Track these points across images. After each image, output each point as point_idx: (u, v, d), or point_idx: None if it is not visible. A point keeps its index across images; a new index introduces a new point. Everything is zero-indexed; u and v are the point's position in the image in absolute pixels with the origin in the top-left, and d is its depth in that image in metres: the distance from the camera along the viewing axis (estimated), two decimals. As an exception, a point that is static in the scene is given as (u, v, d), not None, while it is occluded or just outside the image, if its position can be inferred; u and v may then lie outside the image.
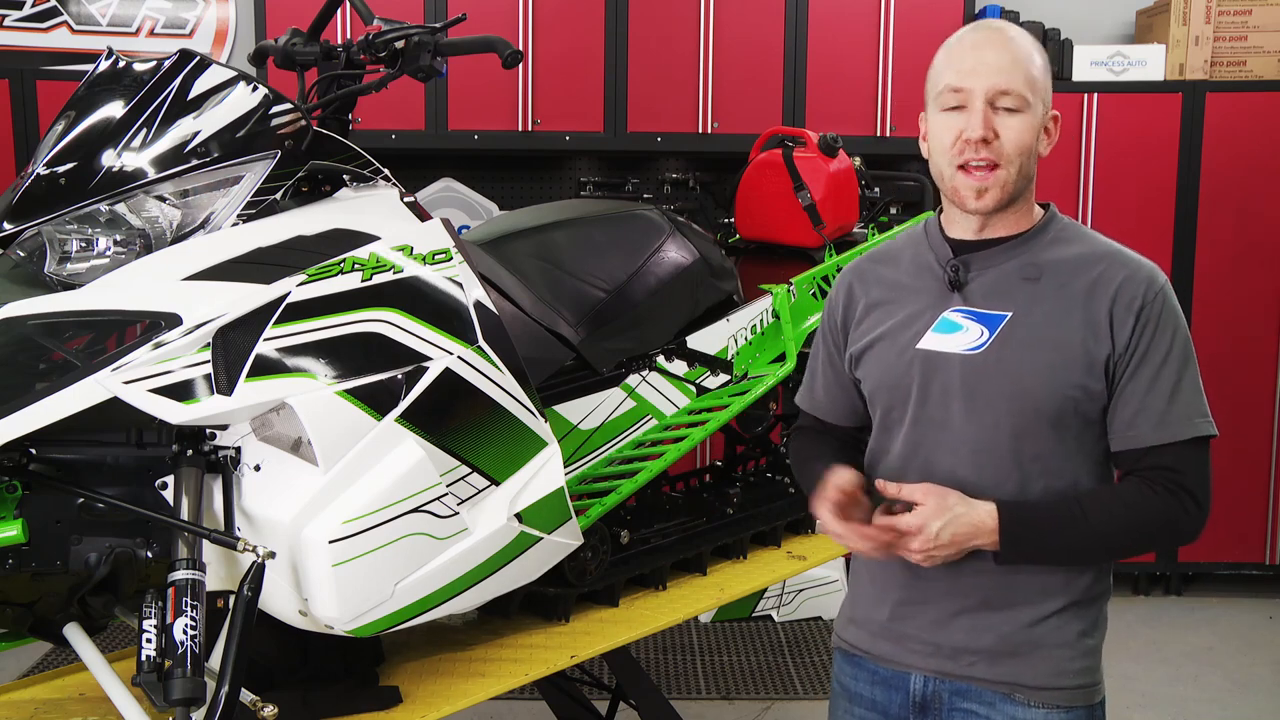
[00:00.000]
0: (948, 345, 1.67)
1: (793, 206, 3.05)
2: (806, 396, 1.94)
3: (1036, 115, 1.63)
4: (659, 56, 4.65)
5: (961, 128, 1.62)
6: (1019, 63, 1.62)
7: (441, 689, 2.14)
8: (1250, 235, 4.72)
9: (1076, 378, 1.61)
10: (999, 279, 1.67)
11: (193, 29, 4.95)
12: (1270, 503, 4.81)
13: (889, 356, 1.72)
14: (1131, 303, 1.61)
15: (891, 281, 1.77)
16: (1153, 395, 1.61)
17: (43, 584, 1.82)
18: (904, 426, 1.70)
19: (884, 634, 1.75)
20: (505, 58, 2.15)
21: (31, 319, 1.71)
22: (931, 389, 1.67)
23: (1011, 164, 1.62)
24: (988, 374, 1.63)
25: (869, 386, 1.77)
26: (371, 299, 1.91)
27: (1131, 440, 1.63)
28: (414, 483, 1.90)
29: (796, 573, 2.92)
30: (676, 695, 3.83)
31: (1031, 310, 1.64)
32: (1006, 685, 1.67)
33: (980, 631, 1.67)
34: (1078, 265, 1.65)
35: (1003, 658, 1.67)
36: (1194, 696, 3.92)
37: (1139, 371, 1.61)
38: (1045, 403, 1.61)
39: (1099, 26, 5.10)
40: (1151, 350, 1.61)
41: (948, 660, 1.69)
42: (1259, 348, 4.75)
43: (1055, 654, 1.66)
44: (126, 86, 1.89)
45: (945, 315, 1.69)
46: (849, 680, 1.82)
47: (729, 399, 2.74)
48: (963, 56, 1.64)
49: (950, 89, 1.63)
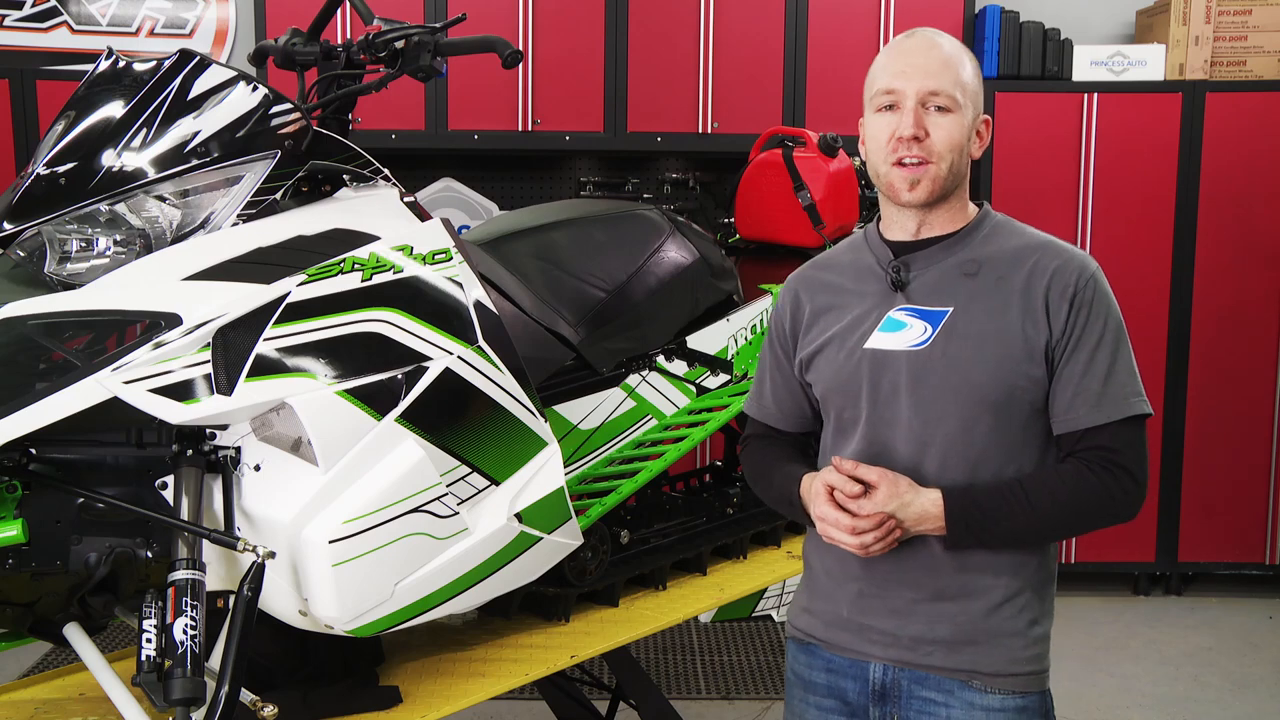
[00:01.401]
0: (894, 343, 1.72)
1: (793, 206, 3.05)
2: (755, 404, 1.97)
3: (967, 117, 1.71)
4: (659, 56, 4.65)
5: (894, 127, 1.70)
6: (949, 66, 1.71)
7: (441, 689, 2.14)
8: (1250, 235, 4.72)
9: (1019, 366, 1.67)
10: (939, 276, 1.74)
11: (193, 29, 4.95)
12: (1270, 503, 4.81)
13: (838, 358, 1.78)
14: (1065, 290, 1.67)
15: (836, 286, 1.83)
16: (1088, 378, 1.67)
17: (43, 584, 1.82)
18: (859, 426, 1.75)
19: (842, 624, 1.79)
20: (505, 58, 2.15)
21: (31, 319, 1.71)
22: (881, 387, 1.73)
23: (943, 160, 1.69)
24: (933, 368, 1.69)
25: (820, 389, 1.82)
26: (371, 299, 1.91)
27: (1070, 423, 1.69)
28: (414, 483, 1.90)
29: (796, 573, 2.91)
30: (676, 695, 3.84)
31: (971, 304, 1.70)
32: (964, 673, 1.72)
33: (936, 621, 1.72)
34: (1014, 258, 1.72)
35: (961, 646, 1.72)
36: (1194, 696, 3.92)
37: (1074, 356, 1.67)
38: (991, 392, 1.67)
39: (1099, 26, 5.11)
40: (1085, 335, 1.67)
41: (906, 650, 1.74)
42: (1259, 348, 4.75)
43: (1009, 642, 1.72)
44: (126, 86, 1.89)
45: (890, 314, 1.75)
46: (804, 669, 1.86)
47: (729, 399, 2.74)
48: (895, 60, 1.73)
49: (883, 90, 1.72)
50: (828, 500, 1.69)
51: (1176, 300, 4.72)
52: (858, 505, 1.66)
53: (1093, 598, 4.77)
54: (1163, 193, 4.71)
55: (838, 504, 1.68)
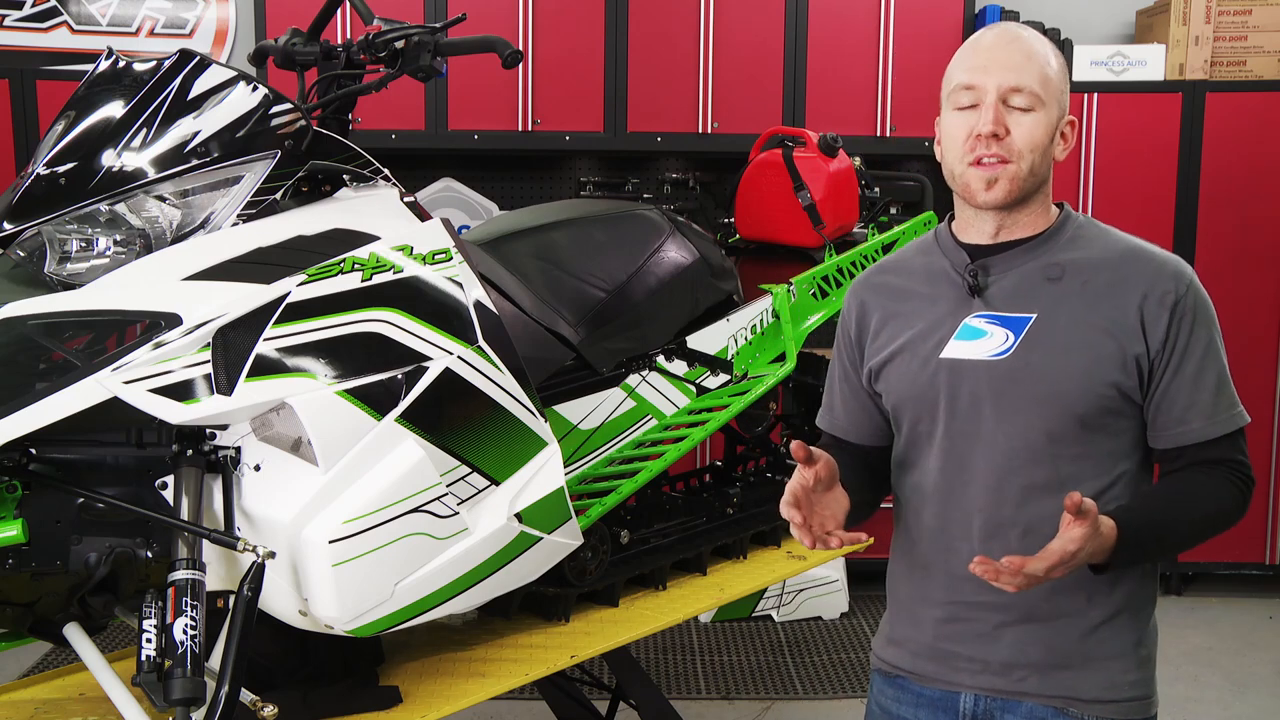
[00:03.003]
0: (972, 352, 1.63)
1: (793, 206, 3.05)
2: (826, 417, 1.88)
3: (1051, 116, 1.61)
4: (659, 56, 4.65)
5: (973, 125, 1.60)
6: (1032, 61, 1.60)
7: (441, 689, 2.14)
8: (1250, 235, 4.72)
9: (1109, 376, 1.58)
10: (1020, 281, 1.64)
11: (193, 29, 4.95)
12: (1270, 503, 4.80)
13: (912, 368, 1.68)
14: (1164, 299, 1.59)
15: (905, 291, 1.74)
16: (1199, 390, 1.60)
17: (43, 584, 1.82)
18: (936, 439, 1.66)
19: (928, 653, 1.70)
20: (505, 58, 2.15)
21: (31, 319, 1.71)
22: (960, 398, 1.64)
23: (1023, 160, 1.60)
24: (1017, 378, 1.60)
25: (892, 400, 1.73)
26: (371, 299, 1.91)
27: (1182, 436, 1.61)
28: (414, 483, 1.90)
29: (796, 573, 2.92)
30: (676, 695, 3.83)
31: (1056, 311, 1.61)
32: (1060, 699, 1.63)
33: (1027, 645, 1.63)
34: (1100, 263, 1.63)
35: (1054, 670, 1.63)
36: (1194, 696, 3.92)
37: (1182, 368, 1.59)
38: (1078, 403, 1.58)
39: (1099, 26, 5.10)
40: (1191, 346, 1.59)
41: (997, 676, 1.65)
42: (1259, 348, 4.75)
43: (1109, 665, 1.63)
44: (126, 86, 1.89)
45: (967, 321, 1.65)
46: (890, 703, 1.76)
47: (729, 399, 2.74)
48: (975, 55, 1.63)
49: (962, 86, 1.62)
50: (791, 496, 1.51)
51: (1176, 300, 4.72)
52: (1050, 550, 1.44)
53: (1093, 598, 4.76)
54: (1163, 193, 4.71)
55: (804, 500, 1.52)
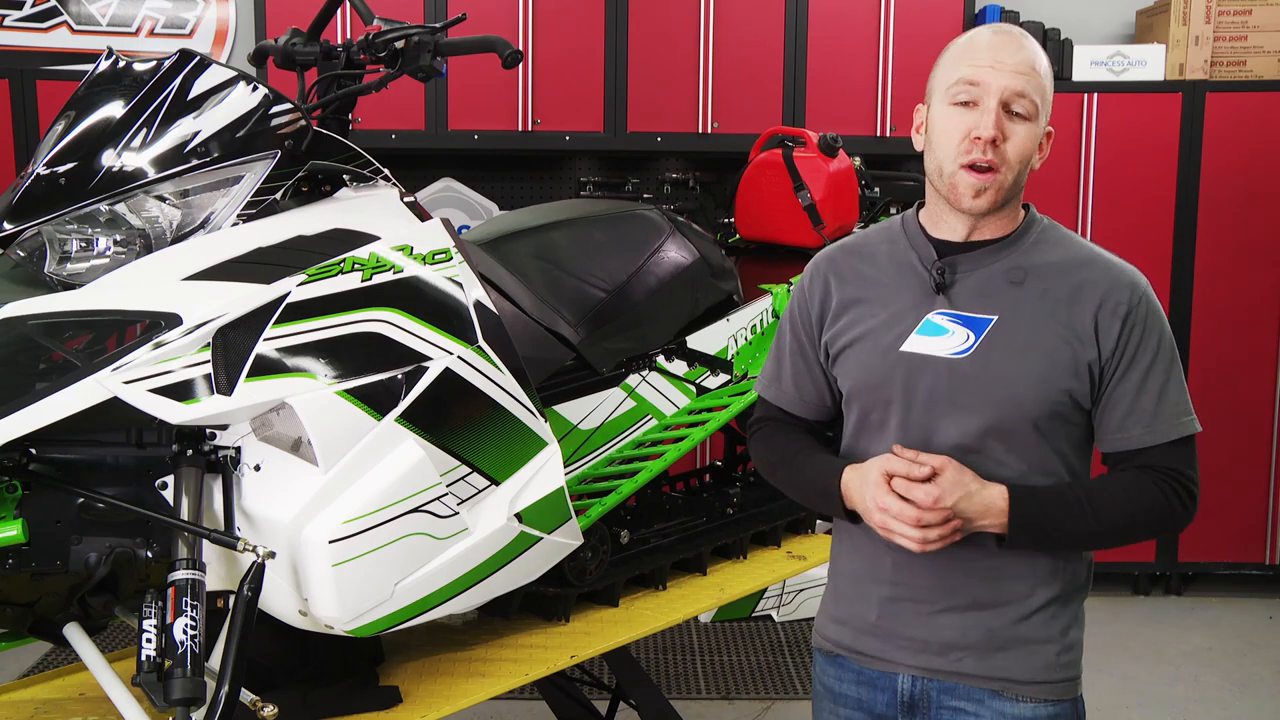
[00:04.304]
0: (933, 348, 1.66)
1: (793, 206, 3.05)
2: (772, 388, 1.87)
3: (1039, 128, 1.64)
4: (659, 56, 4.65)
5: (972, 125, 1.60)
6: (1036, 71, 1.62)
7: (441, 689, 2.14)
8: (1250, 235, 4.72)
9: (1063, 382, 1.62)
10: (985, 282, 1.67)
11: (193, 29, 4.95)
12: (1270, 503, 4.81)
13: (871, 358, 1.70)
14: (1117, 308, 1.63)
15: (870, 279, 1.75)
16: (1142, 398, 1.64)
17: (43, 584, 1.81)
18: (890, 428, 1.69)
19: (871, 631, 1.74)
20: (505, 58, 2.15)
21: (31, 319, 1.71)
22: (916, 391, 1.66)
23: (1010, 170, 1.62)
24: (974, 378, 1.63)
25: (847, 386, 1.75)
26: (371, 299, 1.91)
27: (1122, 442, 1.66)
28: (414, 483, 1.90)
29: (796, 573, 2.92)
30: (676, 695, 3.83)
31: (1016, 314, 1.64)
32: (997, 681, 1.68)
33: (968, 628, 1.68)
34: (1061, 269, 1.66)
35: (992, 653, 1.68)
36: (1194, 696, 3.92)
37: (1127, 375, 1.63)
38: (1032, 407, 1.62)
39: (1099, 26, 5.10)
40: (1139, 354, 1.63)
41: (936, 656, 1.69)
42: (1259, 348, 4.75)
43: (1043, 649, 1.68)
44: (126, 86, 1.89)
45: (929, 317, 1.67)
46: (832, 681, 1.81)
47: (729, 399, 2.74)
48: (980, 52, 1.62)
49: (965, 81, 1.61)
50: (887, 490, 1.59)
51: (1176, 300, 4.72)
52: (923, 492, 1.57)
53: (1093, 597, 4.70)
54: (1163, 193, 4.71)
55: (899, 493, 1.58)
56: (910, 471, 1.58)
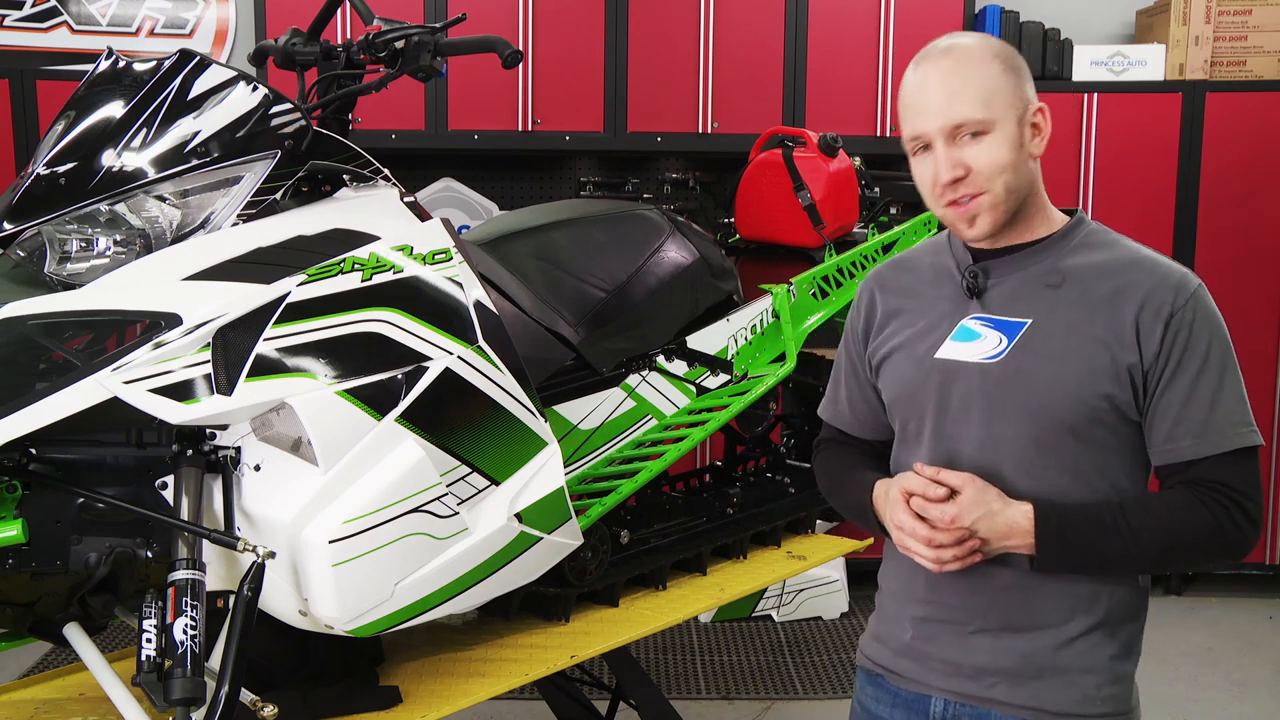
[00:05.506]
0: (966, 354, 1.61)
1: (793, 206, 3.05)
2: (830, 408, 1.86)
3: (1008, 127, 1.56)
4: (659, 56, 4.65)
5: (933, 173, 1.58)
6: (967, 85, 1.55)
7: (441, 689, 2.14)
8: (1250, 235, 4.72)
9: (1100, 387, 1.54)
10: (1020, 285, 1.62)
11: (193, 29, 4.95)
12: (1270, 503, 4.81)
13: (907, 367, 1.67)
14: (1160, 310, 1.54)
15: (910, 289, 1.73)
16: (1191, 407, 1.54)
17: (43, 584, 1.81)
18: (924, 439, 1.65)
19: (905, 652, 1.70)
20: (505, 58, 2.15)
21: (31, 319, 1.71)
22: (950, 400, 1.62)
23: (994, 184, 1.56)
24: (1007, 383, 1.58)
25: (888, 397, 1.72)
26: (371, 299, 1.91)
27: (1171, 454, 1.56)
28: (414, 483, 1.90)
29: (796, 573, 2.92)
30: (676, 695, 3.83)
31: (1052, 317, 1.58)
32: (1029, 710, 1.60)
33: (1002, 652, 1.61)
34: (1102, 271, 1.59)
35: (1026, 680, 1.60)
36: (1194, 696, 3.92)
37: (1174, 382, 1.54)
38: (1067, 412, 1.55)
39: (1099, 26, 5.11)
40: (1186, 359, 1.54)
41: (969, 681, 1.63)
42: (1259, 348, 4.75)
43: (1082, 679, 1.59)
44: (126, 86, 1.89)
45: (963, 323, 1.64)
46: (870, 701, 1.76)
47: (729, 399, 2.74)
48: (910, 100, 1.60)
49: (909, 137, 1.61)
50: (904, 507, 1.56)
51: (1176, 300, 4.72)
52: (939, 511, 1.52)
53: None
54: (1163, 193, 4.71)
55: (916, 512, 1.55)
56: (926, 490, 1.55)
